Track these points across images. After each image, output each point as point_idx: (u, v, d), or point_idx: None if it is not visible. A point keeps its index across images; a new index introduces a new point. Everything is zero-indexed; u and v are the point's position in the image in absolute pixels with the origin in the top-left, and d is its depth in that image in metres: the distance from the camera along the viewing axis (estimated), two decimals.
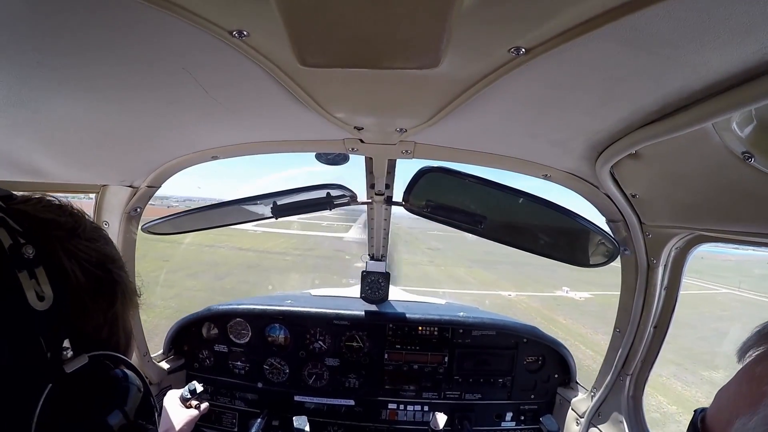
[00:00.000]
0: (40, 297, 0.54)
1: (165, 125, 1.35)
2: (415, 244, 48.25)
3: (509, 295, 25.14)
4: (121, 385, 0.63)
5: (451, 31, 0.68)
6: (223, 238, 37.60)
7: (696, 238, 1.57)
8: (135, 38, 0.79)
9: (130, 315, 0.73)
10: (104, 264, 0.66)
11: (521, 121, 1.25)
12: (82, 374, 0.57)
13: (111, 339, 0.66)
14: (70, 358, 0.56)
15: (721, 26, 0.63)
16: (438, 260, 37.87)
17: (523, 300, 24.10)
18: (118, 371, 0.64)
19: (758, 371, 0.68)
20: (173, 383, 2.47)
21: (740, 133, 0.94)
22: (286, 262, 27.43)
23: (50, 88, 0.97)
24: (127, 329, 0.72)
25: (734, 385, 0.75)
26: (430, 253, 42.68)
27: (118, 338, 0.68)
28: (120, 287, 0.68)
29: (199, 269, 21.50)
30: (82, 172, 1.64)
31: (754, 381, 0.68)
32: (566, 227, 1.91)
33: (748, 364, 0.72)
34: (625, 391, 1.95)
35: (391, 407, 2.55)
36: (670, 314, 1.76)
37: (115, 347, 0.65)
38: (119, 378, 0.63)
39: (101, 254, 0.66)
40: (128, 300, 0.70)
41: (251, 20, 0.72)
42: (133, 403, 0.63)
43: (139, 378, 0.66)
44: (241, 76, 0.97)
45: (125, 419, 0.61)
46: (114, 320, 0.67)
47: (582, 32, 0.69)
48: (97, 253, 0.65)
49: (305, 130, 1.47)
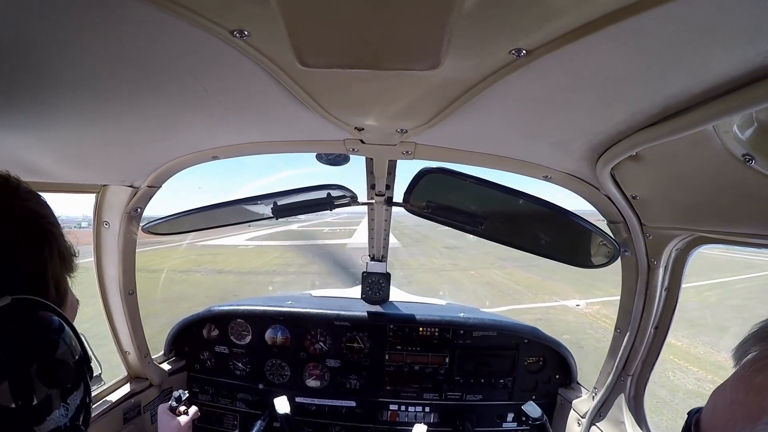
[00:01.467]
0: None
1: (165, 125, 1.35)
2: (428, 243, 43.50)
3: (577, 305, 17.52)
4: (45, 328, 0.63)
5: (452, 32, 0.68)
6: (207, 259, 31.78)
7: (696, 240, 1.57)
8: (135, 38, 0.79)
9: (65, 276, 0.75)
10: (33, 218, 0.70)
11: (522, 123, 1.25)
12: (5, 315, 0.58)
13: (40, 290, 0.68)
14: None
15: (722, 29, 0.63)
16: (462, 262, 31.56)
17: (600, 311, 16.18)
18: (44, 315, 0.64)
19: (758, 382, 0.67)
20: (174, 385, 2.48)
21: (741, 135, 0.94)
22: (275, 285, 21.81)
23: (51, 88, 0.97)
24: (60, 285, 0.73)
25: (730, 391, 0.74)
26: (448, 253, 36.48)
27: (47, 290, 0.69)
28: (49, 241, 0.71)
29: (155, 310, 14.58)
30: (83, 172, 1.64)
31: (752, 391, 0.67)
32: (567, 228, 1.91)
33: (747, 370, 0.71)
34: (626, 391, 1.94)
35: (392, 408, 2.55)
36: (670, 315, 1.76)
37: (44, 298, 0.66)
38: (44, 321, 0.64)
39: (32, 211, 0.70)
40: (58, 254, 0.72)
41: (252, 20, 0.72)
42: (59, 349, 0.64)
43: (67, 326, 0.67)
44: (242, 76, 0.97)
45: (44, 362, 0.61)
46: (41, 270, 0.69)
47: (583, 34, 0.69)
48: (27, 210, 0.69)
49: (306, 131, 1.47)
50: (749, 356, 0.72)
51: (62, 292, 0.74)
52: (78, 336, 0.69)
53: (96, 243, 1.94)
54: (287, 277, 24.87)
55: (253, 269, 27.94)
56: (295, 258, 33.19)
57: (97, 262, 1.96)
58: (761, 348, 0.70)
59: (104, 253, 1.95)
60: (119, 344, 2.15)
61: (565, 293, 19.50)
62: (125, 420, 2.09)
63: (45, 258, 0.69)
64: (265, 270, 27.30)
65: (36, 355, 0.60)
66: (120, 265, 1.95)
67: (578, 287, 20.22)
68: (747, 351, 0.73)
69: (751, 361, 0.71)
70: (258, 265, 29.49)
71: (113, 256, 1.94)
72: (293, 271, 27.44)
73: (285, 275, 25.82)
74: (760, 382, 0.66)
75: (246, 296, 20.95)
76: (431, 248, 39.61)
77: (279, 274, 25.92)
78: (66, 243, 0.76)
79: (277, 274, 25.82)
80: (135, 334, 2.11)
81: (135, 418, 2.15)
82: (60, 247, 0.73)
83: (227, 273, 26.43)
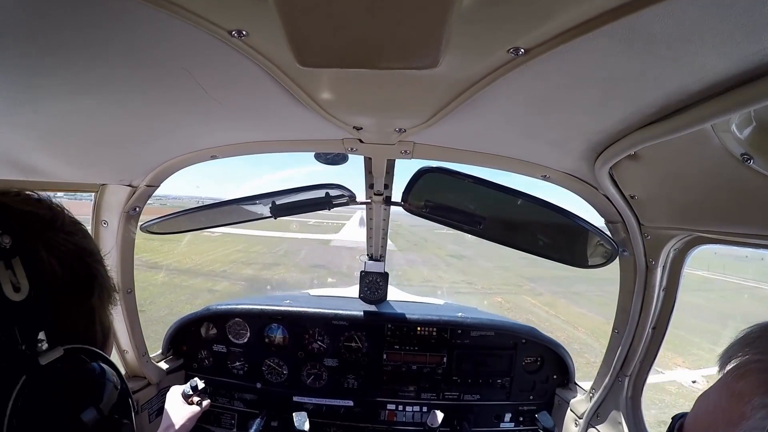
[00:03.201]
0: (15, 288, 0.54)
1: (164, 124, 1.35)
2: (428, 249, 37.00)
3: (694, 382, 11.28)
4: (97, 378, 0.62)
5: (451, 31, 0.68)
6: (152, 246, 26.26)
7: (695, 240, 1.58)
8: (134, 38, 0.79)
9: (108, 310, 0.73)
10: (82, 257, 0.66)
11: (520, 122, 1.25)
12: (57, 367, 0.56)
13: (87, 333, 0.66)
14: (45, 351, 0.55)
15: (720, 27, 0.63)
16: (477, 278, 24.84)
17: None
18: (94, 365, 0.63)
19: (738, 387, 0.68)
20: (172, 384, 2.47)
21: (739, 134, 0.94)
22: (214, 294, 16.16)
23: (49, 88, 0.96)
24: (105, 324, 0.72)
25: (714, 396, 0.74)
26: (457, 264, 29.79)
27: (94, 333, 0.68)
28: (97, 281, 0.68)
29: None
30: (81, 171, 1.63)
31: (734, 397, 0.68)
32: (565, 228, 1.91)
33: (730, 376, 0.72)
34: (624, 392, 1.95)
35: (390, 408, 2.55)
36: (668, 315, 1.76)
37: (92, 342, 0.65)
38: (95, 372, 0.62)
39: (79, 247, 0.66)
40: (105, 294, 0.70)
41: (250, 20, 0.72)
42: (108, 398, 0.62)
43: (115, 373, 0.65)
44: (241, 75, 0.97)
45: (99, 414, 0.60)
46: (90, 314, 0.67)
47: (581, 33, 0.69)
48: (74, 246, 0.65)
49: (304, 130, 1.47)
50: (732, 362, 0.73)
51: (106, 330, 0.73)
52: (120, 376, 0.68)
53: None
54: (234, 285, 18.68)
55: (196, 266, 22.14)
56: (260, 255, 27.39)
57: None
58: (745, 354, 0.71)
59: (102, 252, 1.94)
60: (117, 343, 2.14)
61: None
62: None
63: (94, 302, 0.67)
64: (208, 270, 21.46)
65: (89, 408, 0.59)
66: (118, 263, 1.94)
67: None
68: (731, 357, 0.73)
69: (734, 368, 0.72)
70: (207, 261, 24.24)
71: (111, 255, 1.93)
72: (248, 276, 21.16)
73: (232, 281, 19.57)
74: (742, 387, 0.67)
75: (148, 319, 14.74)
76: (433, 255, 33.44)
77: (225, 279, 19.87)
78: (110, 280, 0.73)
79: (221, 279, 19.60)
80: (133, 333, 2.10)
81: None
82: (106, 285, 0.71)
83: (160, 269, 21.18)
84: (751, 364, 0.69)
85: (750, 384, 0.66)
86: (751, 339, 0.72)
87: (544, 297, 20.86)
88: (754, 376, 0.66)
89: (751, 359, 0.69)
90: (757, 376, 0.66)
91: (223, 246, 29.80)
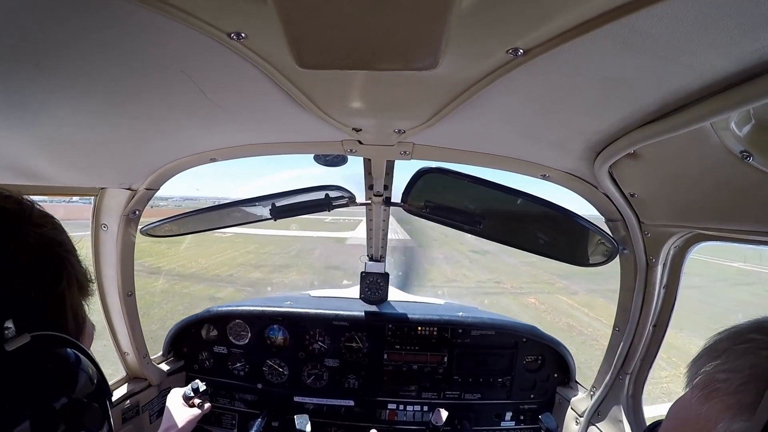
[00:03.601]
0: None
1: (163, 127, 1.35)
2: (451, 245, 33.69)
3: None
4: (65, 364, 0.62)
5: (450, 32, 0.68)
6: (157, 249, 24.35)
7: (695, 237, 1.58)
8: (133, 41, 0.79)
9: (81, 301, 0.73)
10: (50, 246, 0.67)
11: (520, 122, 1.26)
12: (25, 354, 0.56)
13: (58, 321, 0.66)
14: (12, 338, 0.55)
15: (719, 26, 0.63)
16: (505, 276, 22.65)
17: None
18: (62, 351, 0.62)
19: (705, 410, 0.62)
20: (173, 385, 2.47)
21: (738, 132, 0.94)
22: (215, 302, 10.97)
23: (48, 91, 0.96)
24: (78, 315, 0.72)
25: (684, 412, 0.69)
26: (480, 260, 27.21)
27: (65, 321, 0.67)
28: (66, 269, 0.68)
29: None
30: (81, 175, 1.63)
31: (701, 419, 0.62)
32: (565, 227, 1.92)
33: (696, 396, 0.65)
34: (625, 390, 1.95)
35: (391, 407, 2.55)
36: (669, 313, 1.77)
37: (63, 330, 0.64)
38: (63, 357, 0.62)
39: (48, 238, 0.67)
40: (75, 282, 0.70)
41: (249, 22, 0.72)
42: (77, 384, 0.62)
43: (88, 360, 0.65)
44: (240, 78, 0.97)
45: (68, 400, 0.59)
46: (60, 301, 0.67)
47: (580, 33, 0.69)
48: (43, 237, 0.66)
49: (304, 132, 1.47)
50: (698, 378, 0.66)
51: (80, 321, 0.73)
52: (98, 367, 0.67)
53: (94, 245, 1.93)
54: (239, 292, 17.61)
55: (200, 270, 20.79)
56: (271, 256, 25.42)
57: (95, 264, 1.95)
58: (712, 369, 0.64)
59: (103, 255, 1.95)
60: (118, 345, 2.14)
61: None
62: (124, 420, 2.09)
63: (63, 289, 0.67)
64: (213, 274, 19.76)
65: (59, 395, 0.59)
66: (118, 266, 1.94)
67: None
68: (698, 371, 0.67)
69: (701, 384, 0.65)
70: (213, 264, 22.37)
71: (112, 258, 1.93)
72: (255, 279, 19.56)
73: (238, 287, 18.23)
74: (708, 410, 0.62)
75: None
76: (455, 251, 30.86)
77: (231, 284, 18.51)
78: (82, 269, 0.73)
79: (226, 284, 18.34)
80: (134, 335, 2.10)
81: (133, 418, 2.15)
82: (77, 274, 0.71)
83: (160, 274, 19.49)
84: (716, 384, 0.62)
85: (715, 407, 0.61)
86: (718, 351, 0.65)
87: (580, 296, 18.92)
88: (720, 397, 0.61)
89: (717, 378, 0.63)
90: (722, 398, 0.60)
91: (233, 247, 28.10)
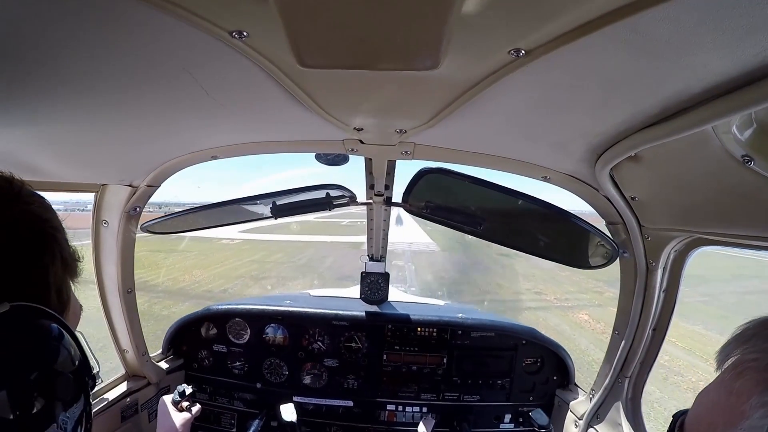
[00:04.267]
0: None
1: (164, 125, 1.35)
2: (478, 248, 28.59)
3: None
4: (45, 336, 0.62)
5: (451, 33, 0.68)
6: (155, 259, 23.20)
7: (695, 241, 1.57)
8: (135, 38, 0.79)
9: (67, 280, 0.74)
10: (36, 223, 0.68)
11: (521, 123, 1.25)
12: (3, 322, 0.57)
13: (39, 295, 0.66)
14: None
15: (721, 29, 0.63)
16: (544, 285, 19.45)
17: None
18: (44, 323, 0.63)
19: (736, 387, 0.68)
20: (172, 383, 2.48)
21: (740, 136, 0.94)
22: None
23: (50, 88, 0.97)
24: (62, 291, 0.72)
25: (713, 394, 0.75)
26: (514, 265, 23.58)
27: (48, 296, 0.68)
28: (50, 246, 0.69)
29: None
30: (82, 171, 1.64)
31: (733, 396, 0.68)
32: (565, 229, 1.91)
33: (727, 375, 0.72)
34: (624, 393, 1.94)
35: (390, 408, 2.55)
36: (668, 317, 1.76)
37: (44, 305, 0.64)
38: (44, 329, 0.62)
39: (35, 215, 0.69)
40: (59, 259, 0.71)
41: (251, 21, 0.72)
42: (54, 355, 0.62)
43: (68, 334, 0.65)
44: (241, 76, 0.97)
45: (44, 370, 0.60)
46: (43, 275, 0.68)
47: (582, 34, 0.69)
48: (31, 214, 0.68)
49: (305, 131, 1.47)
50: (730, 360, 0.73)
51: (64, 298, 0.73)
52: (79, 343, 0.67)
53: (95, 242, 1.94)
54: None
55: (191, 285, 18.65)
56: (276, 266, 23.32)
57: (95, 260, 1.96)
58: (742, 352, 0.71)
59: (103, 252, 1.95)
60: (117, 343, 2.15)
61: None
62: (123, 418, 2.09)
63: (46, 263, 0.68)
64: (204, 290, 17.81)
65: (35, 364, 0.59)
66: (118, 263, 1.95)
67: None
68: (729, 355, 0.74)
69: (732, 366, 0.72)
70: (208, 277, 20.11)
71: (112, 254, 1.94)
72: (251, 295, 13.92)
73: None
74: (740, 386, 0.67)
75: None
76: (484, 256, 26.98)
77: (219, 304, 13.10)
78: (70, 248, 0.74)
79: (216, 302, 11.35)
80: (133, 332, 2.11)
81: (132, 416, 2.15)
82: (63, 252, 0.72)
83: (148, 291, 17.06)
84: (747, 363, 0.69)
85: (747, 383, 0.66)
86: (747, 337, 0.72)
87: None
88: (751, 374, 0.67)
89: (748, 357, 0.69)
90: (754, 374, 0.66)
91: (237, 255, 26.29)
